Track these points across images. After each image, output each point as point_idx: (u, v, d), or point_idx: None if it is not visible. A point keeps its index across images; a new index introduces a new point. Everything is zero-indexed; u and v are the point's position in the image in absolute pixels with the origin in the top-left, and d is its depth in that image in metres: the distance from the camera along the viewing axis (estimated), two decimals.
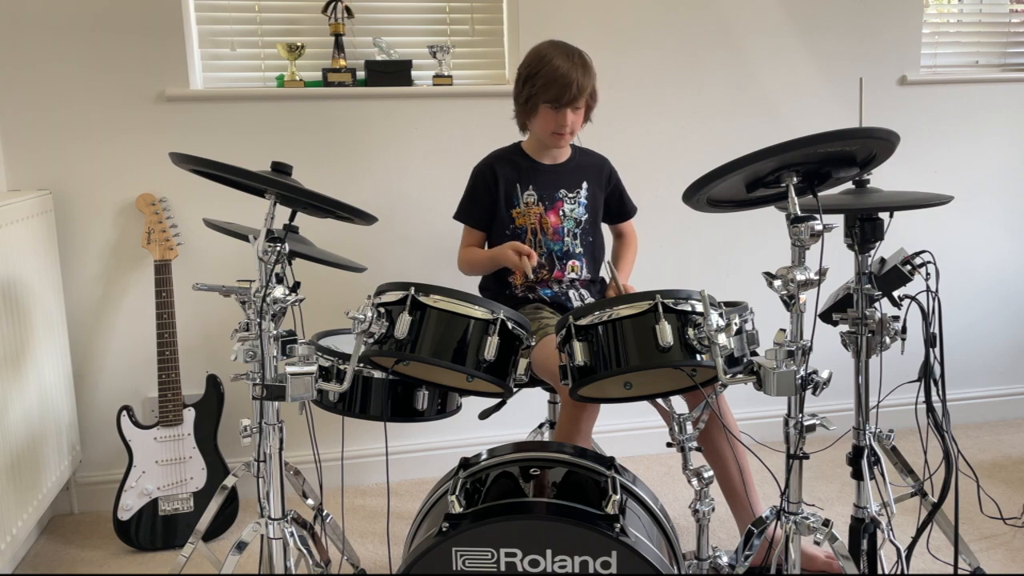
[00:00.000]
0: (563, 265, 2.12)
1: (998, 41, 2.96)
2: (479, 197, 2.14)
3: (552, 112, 2.01)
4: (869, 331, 1.70)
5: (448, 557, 1.43)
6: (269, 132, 2.45)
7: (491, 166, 2.14)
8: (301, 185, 1.52)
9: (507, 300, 2.10)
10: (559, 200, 2.12)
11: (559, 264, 2.11)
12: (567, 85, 1.96)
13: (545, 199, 2.12)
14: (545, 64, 1.98)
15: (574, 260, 2.13)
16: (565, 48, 2.02)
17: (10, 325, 2.02)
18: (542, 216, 2.10)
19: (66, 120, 2.34)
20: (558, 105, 1.99)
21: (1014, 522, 2.28)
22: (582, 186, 2.15)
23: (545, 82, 1.97)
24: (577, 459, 1.63)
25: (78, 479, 2.47)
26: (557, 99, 1.98)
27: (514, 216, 2.11)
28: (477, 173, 2.17)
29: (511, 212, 2.11)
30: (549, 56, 1.99)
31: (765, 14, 2.69)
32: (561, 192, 2.13)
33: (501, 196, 2.11)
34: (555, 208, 2.12)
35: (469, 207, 2.17)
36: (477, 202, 2.15)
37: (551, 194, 2.12)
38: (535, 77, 1.99)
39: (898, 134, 1.38)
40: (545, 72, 1.97)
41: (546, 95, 1.98)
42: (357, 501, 2.53)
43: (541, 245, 2.11)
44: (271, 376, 1.51)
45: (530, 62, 2.03)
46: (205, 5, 2.45)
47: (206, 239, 2.41)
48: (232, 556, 1.72)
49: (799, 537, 1.53)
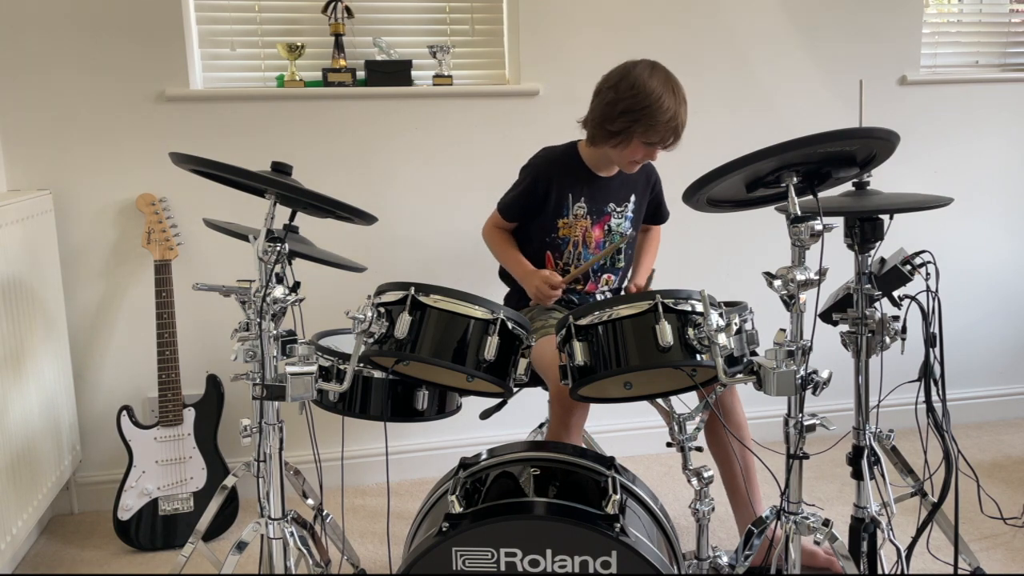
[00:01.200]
0: (598, 278, 2.08)
1: (998, 41, 2.96)
2: (525, 197, 2.04)
3: (644, 148, 1.89)
4: (869, 331, 1.70)
5: (448, 557, 1.43)
6: (269, 132, 2.45)
7: (548, 172, 2.03)
8: (301, 185, 1.52)
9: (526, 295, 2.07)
10: (607, 214, 2.06)
11: (594, 277, 2.07)
12: (673, 128, 1.85)
13: (594, 212, 2.04)
14: (652, 102, 1.81)
15: (610, 274, 2.09)
16: (669, 81, 1.86)
17: (10, 325, 2.02)
18: (587, 230, 2.04)
19: (66, 120, 2.34)
20: (656, 145, 1.88)
21: (1014, 522, 2.28)
22: (630, 199, 2.09)
23: (651, 124, 1.82)
24: (577, 459, 1.63)
25: (78, 479, 2.47)
26: (657, 141, 1.86)
27: (559, 226, 2.04)
28: (534, 174, 2.05)
29: (557, 221, 2.04)
30: (656, 93, 1.82)
31: (765, 14, 2.69)
32: (610, 206, 2.06)
33: (551, 203, 2.03)
34: (601, 222, 2.06)
35: (512, 203, 2.07)
36: (521, 202, 2.05)
37: (601, 208, 2.05)
38: (638, 113, 1.82)
39: (898, 134, 1.38)
40: (652, 112, 1.82)
41: (649, 137, 1.85)
42: (357, 501, 2.53)
43: (581, 258, 2.06)
44: (271, 376, 1.51)
45: (630, 93, 1.84)
46: (205, 5, 2.45)
47: (206, 239, 2.41)
48: (232, 556, 1.71)
49: (799, 537, 1.53)
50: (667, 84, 1.85)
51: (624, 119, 1.85)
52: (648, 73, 1.86)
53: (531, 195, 2.04)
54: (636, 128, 1.85)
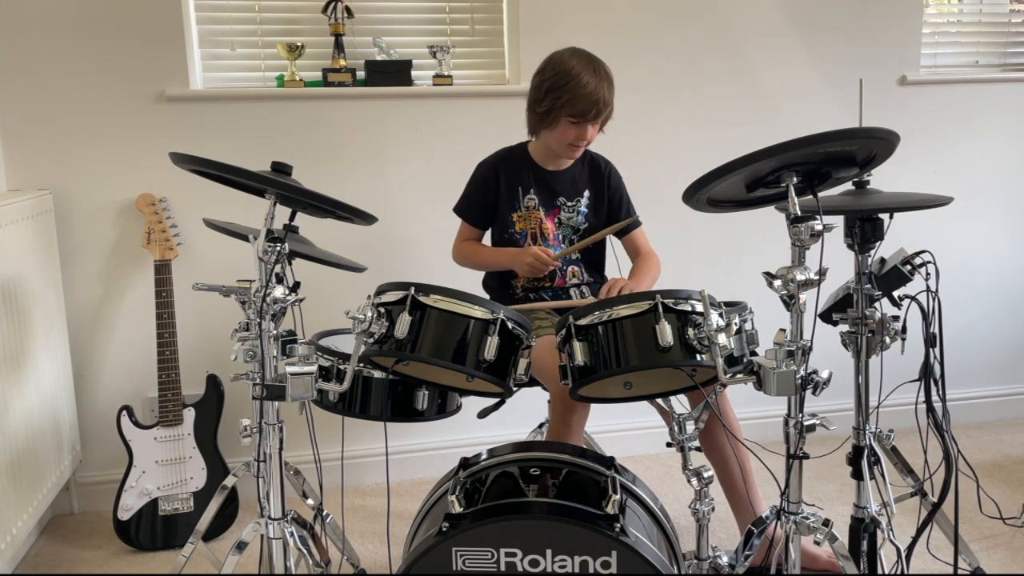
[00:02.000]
0: (563, 272, 2.11)
1: (998, 41, 2.96)
2: (479, 195, 2.12)
3: (574, 127, 1.96)
4: (869, 331, 1.70)
5: (448, 557, 1.43)
6: (269, 132, 2.45)
7: (494, 165, 2.12)
8: (301, 185, 1.52)
9: (508, 299, 2.10)
10: (556, 207, 2.11)
11: (560, 272, 2.10)
12: (594, 102, 1.92)
13: (544, 205, 2.10)
14: (572, 78, 1.91)
15: (574, 266, 2.12)
16: (590, 60, 1.96)
17: (10, 325, 2.02)
18: (542, 222, 2.09)
19: (66, 120, 2.34)
20: (582, 120, 1.95)
21: (1014, 522, 2.28)
22: (583, 194, 2.13)
23: (571, 97, 1.91)
24: (577, 459, 1.63)
25: (78, 479, 2.47)
26: (582, 115, 1.93)
27: (514, 220, 2.10)
28: (480, 170, 2.15)
29: (512, 215, 2.10)
30: (576, 70, 1.92)
31: (765, 14, 2.69)
32: (560, 200, 2.11)
33: (503, 197, 2.10)
34: (552, 215, 2.11)
35: (469, 203, 2.15)
36: (477, 199, 2.13)
37: (550, 201, 2.11)
38: (560, 90, 1.92)
39: (898, 134, 1.38)
40: (572, 87, 1.91)
41: (571, 110, 1.93)
42: (357, 501, 2.53)
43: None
44: (271, 376, 1.51)
45: (555, 73, 1.95)
46: (205, 5, 2.45)
47: (206, 239, 2.41)
48: (232, 556, 1.72)
49: (799, 537, 1.53)
50: (588, 63, 1.95)
51: (550, 98, 1.95)
52: (568, 55, 1.97)
53: (483, 189, 2.11)
54: (560, 104, 1.93)
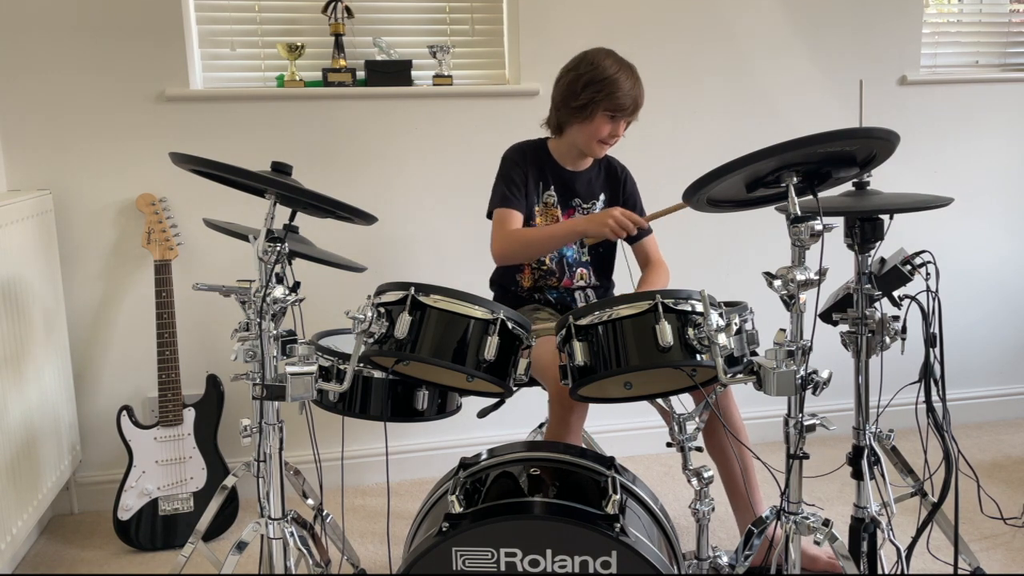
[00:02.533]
0: (572, 273, 2.10)
1: (998, 41, 2.96)
2: (519, 177, 2.05)
3: (609, 122, 1.96)
4: (869, 331, 1.70)
5: (448, 557, 1.43)
6: (269, 132, 2.45)
7: (523, 152, 2.08)
8: (301, 185, 1.52)
9: (511, 298, 2.10)
10: (571, 208, 2.10)
11: (568, 272, 2.09)
12: (634, 97, 1.95)
13: (561, 203, 2.09)
14: (607, 74, 1.93)
15: (583, 268, 2.11)
16: (623, 61, 1.98)
17: (10, 325, 2.02)
18: (558, 220, 2.07)
19: (66, 120, 2.34)
20: (619, 115, 1.96)
21: (1014, 522, 2.28)
22: (599, 198, 2.12)
23: (611, 91, 1.92)
24: (577, 459, 1.63)
25: (78, 479, 2.47)
26: (621, 108, 1.94)
27: (536, 214, 2.07)
28: (512, 156, 2.09)
29: (534, 209, 2.07)
30: (613, 67, 1.94)
31: (765, 14, 2.69)
32: (576, 201, 2.10)
33: (530, 187, 2.06)
34: (567, 215, 2.09)
35: (510, 188, 2.04)
36: (518, 182, 2.04)
37: (567, 200, 2.09)
38: (600, 83, 1.93)
39: (898, 134, 1.38)
40: (611, 81, 1.92)
41: (610, 104, 1.93)
42: (357, 501, 2.53)
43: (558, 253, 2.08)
44: (271, 376, 1.51)
45: (593, 67, 1.95)
46: (205, 5, 2.45)
47: (206, 239, 2.41)
48: (232, 556, 1.72)
49: (799, 537, 1.53)
50: (622, 62, 1.98)
51: (588, 91, 1.94)
52: (604, 53, 1.99)
53: (522, 172, 2.06)
54: (600, 98, 1.93)
